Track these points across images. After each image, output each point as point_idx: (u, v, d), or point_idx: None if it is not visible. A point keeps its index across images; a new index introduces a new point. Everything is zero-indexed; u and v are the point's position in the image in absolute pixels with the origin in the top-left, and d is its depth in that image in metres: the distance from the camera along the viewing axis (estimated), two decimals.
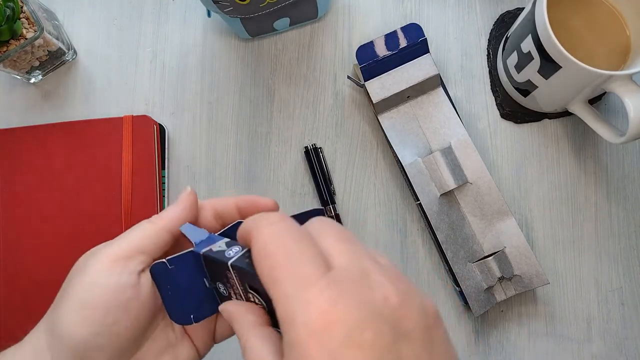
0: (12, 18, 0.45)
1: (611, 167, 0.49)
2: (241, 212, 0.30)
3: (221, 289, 0.28)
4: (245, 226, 0.24)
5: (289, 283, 0.20)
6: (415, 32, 0.47)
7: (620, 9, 0.45)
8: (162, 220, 0.29)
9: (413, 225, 0.49)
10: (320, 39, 0.52)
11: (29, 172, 0.49)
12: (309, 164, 0.50)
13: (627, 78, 0.40)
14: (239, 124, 0.51)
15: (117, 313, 0.27)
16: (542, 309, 0.48)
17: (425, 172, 0.46)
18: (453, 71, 0.51)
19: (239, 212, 0.30)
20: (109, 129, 0.49)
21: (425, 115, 0.48)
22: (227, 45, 0.53)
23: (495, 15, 0.52)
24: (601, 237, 0.49)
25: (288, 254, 0.21)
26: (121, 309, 0.27)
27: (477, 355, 0.47)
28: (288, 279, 0.21)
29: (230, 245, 0.27)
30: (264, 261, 0.22)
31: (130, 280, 0.27)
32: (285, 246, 0.22)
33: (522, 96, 0.48)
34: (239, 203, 0.30)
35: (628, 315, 0.47)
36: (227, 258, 0.25)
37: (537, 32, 0.41)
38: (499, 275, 0.45)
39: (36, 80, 0.52)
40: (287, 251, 0.21)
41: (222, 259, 0.26)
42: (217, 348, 0.50)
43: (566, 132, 0.50)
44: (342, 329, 0.19)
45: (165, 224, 0.29)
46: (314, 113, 0.51)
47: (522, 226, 0.49)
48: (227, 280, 0.26)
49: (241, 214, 0.30)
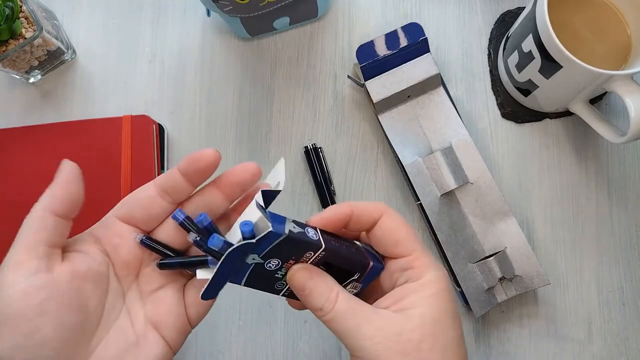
0: (11, 17, 0.45)
1: (612, 167, 0.49)
2: (186, 175, 0.30)
3: (271, 266, 0.29)
4: (376, 206, 0.31)
5: (422, 250, 0.31)
6: (415, 32, 0.46)
7: (621, 9, 0.45)
8: (41, 205, 0.28)
9: (413, 225, 0.49)
10: (320, 38, 0.52)
11: (28, 172, 0.49)
12: (309, 164, 0.49)
13: (628, 78, 0.40)
14: (239, 124, 0.51)
15: (33, 320, 0.25)
16: (543, 309, 0.48)
17: (426, 172, 0.46)
18: (454, 71, 0.51)
19: (185, 179, 0.30)
20: (108, 128, 0.49)
21: (425, 115, 0.47)
22: (226, 44, 0.52)
23: (496, 15, 0.52)
24: (602, 237, 0.48)
25: (411, 232, 0.32)
26: (36, 314, 0.25)
27: (478, 356, 0.47)
28: (423, 248, 0.31)
29: (300, 225, 0.29)
30: (397, 233, 0.31)
31: (37, 281, 0.25)
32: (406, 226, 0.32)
33: (523, 96, 0.48)
34: (180, 168, 0.30)
35: (629, 316, 0.47)
36: (315, 240, 0.29)
37: (538, 32, 0.41)
38: (500, 275, 0.45)
39: (35, 80, 0.52)
40: (409, 230, 0.32)
41: (311, 241, 0.28)
42: (217, 348, 0.50)
43: (567, 132, 0.50)
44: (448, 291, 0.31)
45: (46, 208, 0.27)
46: (314, 113, 0.51)
47: (523, 226, 0.48)
48: (298, 259, 0.29)
49: (187, 177, 0.30)
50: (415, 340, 0.28)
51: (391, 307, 0.29)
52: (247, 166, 0.31)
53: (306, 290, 0.29)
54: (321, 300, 0.29)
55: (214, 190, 0.31)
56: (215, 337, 0.48)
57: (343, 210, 0.31)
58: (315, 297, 0.29)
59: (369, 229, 0.32)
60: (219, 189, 0.31)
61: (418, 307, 0.29)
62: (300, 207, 0.49)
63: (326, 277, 0.30)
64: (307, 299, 0.29)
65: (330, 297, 0.29)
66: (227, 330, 0.48)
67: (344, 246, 0.30)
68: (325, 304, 0.29)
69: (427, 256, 0.31)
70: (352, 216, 0.31)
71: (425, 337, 0.28)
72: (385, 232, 0.31)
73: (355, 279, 0.31)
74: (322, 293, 0.29)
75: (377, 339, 0.28)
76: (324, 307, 0.29)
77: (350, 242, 0.32)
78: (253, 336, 0.48)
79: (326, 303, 0.29)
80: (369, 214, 0.31)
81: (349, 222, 0.31)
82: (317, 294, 0.29)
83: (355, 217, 0.31)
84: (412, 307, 0.29)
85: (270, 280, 0.30)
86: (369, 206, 0.31)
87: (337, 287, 0.30)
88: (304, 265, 0.30)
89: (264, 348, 0.48)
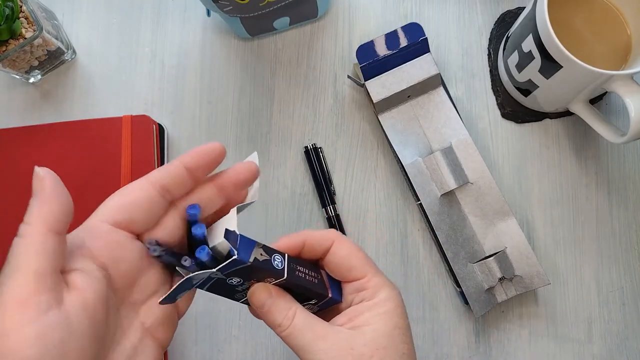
0: (11, 17, 0.45)
1: (612, 167, 0.49)
2: (192, 172, 0.28)
3: (233, 282, 0.29)
4: (327, 235, 0.33)
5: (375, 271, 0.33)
6: (415, 32, 0.46)
7: (621, 9, 0.45)
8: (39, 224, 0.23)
9: (414, 225, 0.49)
10: (320, 38, 0.52)
11: (27, 173, 0.48)
12: (309, 164, 0.49)
13: (628, 78, 0.40)
14: (239, 124, 0.51)
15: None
16: (543, 309, 0.48)
17: (426, 172, 0.46)
18: (454, 71, 0.51)
19: (189, 174, 0.28)
20: (108, 128, 0.49)
21: (425, 115, 0.47)
22: (226, 44, 0.52)
23: (496, 15, 0.52)
24: (602, 237, 0.48)
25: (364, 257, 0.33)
26: (56, 358, 0.22)
27: (478, 356, 0.47)
28: (376, 270, 0.33)
29: (269, 252, 0.30)
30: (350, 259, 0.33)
31: (51, 319, 0.22)
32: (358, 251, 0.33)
33: (523, 96, 0.48)
34: (185, 162, 0.28)
35: (629, 316, 0.47)
36: (279, 269, 0.30)
37: (538, 32, 0.41)
38: (500, 275, 0.45)
39: (35, 80, 0.52)
40: (360, 255, 0.33)
41: (274, 270, 0.30)
42: (217, 348, 0.50)
43: (567, 131, 0.50)
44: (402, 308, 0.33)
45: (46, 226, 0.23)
46: (314, 113, 0.51)
47: (523, 226, 0.48)
48: (259, 280, 0.30)
49: (193, 175, 0.28)
50: (367, 355, 0.30)
51: (346, 324, 0.31)
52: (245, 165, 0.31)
53: (265, 308, 0.31)
54: (279, 317, 0.30)
55: (210, 186, 0.30)
56: (215, 337, 0.48)
57: (295, 241, 0.32)
58: (274, 314, 0.31)
59: (322, 257, 0.33)
60: (216, 186, 0.30)
61: (371, 324, 0.31)
62: (300, 207, 0.50)
63: (285, 295, 0.31)
64: (266, 316, 0.31)
65: (288, 314, 0.31)
66: (227, 330, 0.48)
67: (307, 277, 0.32)
68: (283, 320, 0.30)
69: (380, 276, 0.33)
70: (304, 246, 0.32)
71: (376, 351, 0.30)
72: (338, 259, 0.33)
73: (312, 303, 0.33)
74: (281, 310, 0.31)
75: (332, 352, 0.29)
76: (282, 324, 0.30)
77: (316, 271, 0.33)
78: (253, 336, 0.48)
79: (284, 320, 0.30)
80: (320, 244, 0.33)
81: (302, 252, 0.33)
82: (276, 311, 0.31)
83: (307, 246, 0.32)
84: (366, 324, 0.31)
85: (231, 292, 0.31)
86: (320, 235, 0.33)
87: (295, 305, 0.31)
88: (264, 284, 0.31)
89: (264, 348, 0.48)
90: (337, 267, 0.33)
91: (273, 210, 0.49)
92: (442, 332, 0.47)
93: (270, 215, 0.49)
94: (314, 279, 0.32)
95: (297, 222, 0.49)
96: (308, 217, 0.49)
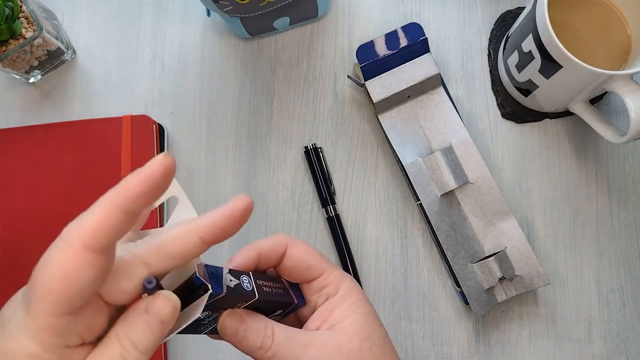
0: (11, 17, 0.45)
1: (612, 167, 0.49)
2: (206, 242, 0.24)
3: (201, 316, 0.27)
4: (279, 240, 0.32)
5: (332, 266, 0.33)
6: (415, 32, 0.46)
7: (621, 9, 0.45)
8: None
9: (413, 225, 0.49)
10: (320, 38, 0.52)
11: (27, 173, 0.49)
12: (309, 164, 0.49)
13: (628, 78, 0.40)
14: (239, 124, 0.51)
15: None
16: (543, 309, 0.48)
17: (426, 172, 0.46)
18: (454, 71, 0.51)
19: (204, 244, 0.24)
20: (108, 128, 0.49)
21: (425, 115, 0.47)
22: (226, 44, 0.52)
23: (496, 15, 0.52)
24: (602, 237, 0.48)
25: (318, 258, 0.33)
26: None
27: (478, 356, 0.47)
28: (332, 265, 0.33)
29: (235, 275, 0.28)
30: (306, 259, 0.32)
31: None
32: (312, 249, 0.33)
33: (523, 96, 0.48)
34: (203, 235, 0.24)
35: (629, 316, 0.47)
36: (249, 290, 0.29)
37: (538, 32, 0.41)
38: (500, 275, 0.45)
39: (35, 80, 0.52)
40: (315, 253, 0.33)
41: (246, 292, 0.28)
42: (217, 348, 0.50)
43: (567, 131, 0.50)
44: None
45: None
46: (314, 113, 0.51)
47: (523, 226, 0.48)
48: (231, 306, 0.29)
49: (206, 243, 0.24)
50: (357, 348, 0.30)
51: (322, 326, 0.31)
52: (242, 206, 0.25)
53: (240, 334, 0.29)
54: (258, 340, 0.29)
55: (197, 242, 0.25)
56: None
57: (249, 255, 0.31)
58: (251, 338, 0.29)
59: (276, 264, 0.32)
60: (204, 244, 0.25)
61: (347, 318, 0.31)
62: (300, 207, 0.49)
63: (256, 315, 0.30)
64: (242, 342, 0.29)
65: (267, 333, 0.29)
66: None
67: (274, 289, 0.31)
68: (263, 341, 0.29)
69: (337, 269, 0.33)
70: (260, 258, 0.31)
71: (363, 342, 0.31)
72: (295, 261, 0.32)
73: (277, 314, 0.32)
74: (258, 333, 0.29)
75: (323, 357, 0.29)
76: (263, 345, 0.29)
77: (278, 281, 0.32)
78: None
79: (264, 340, 0.29)
80: (274, 250, 0.32)
81: (259, 264, 0.31)
82: (252, 335, 0.29)
83: (263, 257, 0.31)
84: (342, 320, 0.31)
85: (196, 326, 0.29)
86: (273, 242, 0.32)
87: (270, 322, 0.30)
88: (231, 311, 0.29)
89: None
90: (295, 269, 0.32)
91: (273, 211, 0.49)
92: (442, 332, 0.47)
93: (270, 215, 0.49)
94: (280, 290, 0.31)
95: (297, 222, 0.49)
96: (308, 217, 0.49)
